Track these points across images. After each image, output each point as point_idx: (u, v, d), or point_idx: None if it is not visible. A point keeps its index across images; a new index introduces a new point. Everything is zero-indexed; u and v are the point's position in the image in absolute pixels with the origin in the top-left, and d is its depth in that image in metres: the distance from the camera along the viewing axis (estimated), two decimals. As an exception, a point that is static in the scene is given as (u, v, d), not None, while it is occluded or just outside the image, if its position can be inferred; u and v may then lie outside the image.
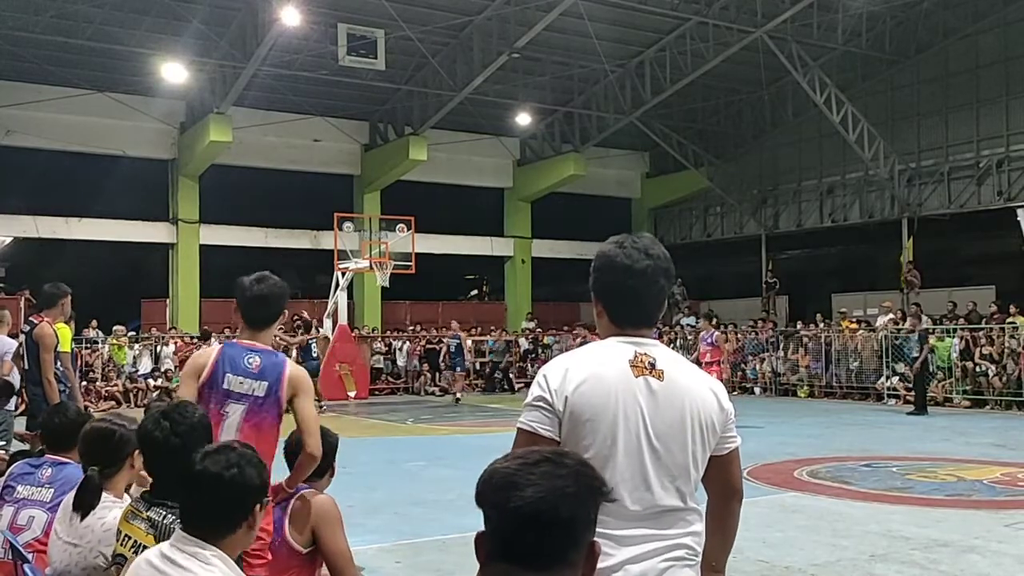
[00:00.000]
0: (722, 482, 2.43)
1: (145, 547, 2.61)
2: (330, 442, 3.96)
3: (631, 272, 2.33)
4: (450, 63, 21.45)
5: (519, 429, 2.28)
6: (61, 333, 7.55)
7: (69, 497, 3.19)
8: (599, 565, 2.16)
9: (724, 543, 2.50)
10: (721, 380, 12.82)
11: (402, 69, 21.78)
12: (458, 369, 20.37)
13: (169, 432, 2.82)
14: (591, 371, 2.27)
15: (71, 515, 3.09)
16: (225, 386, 3.70)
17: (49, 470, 3.59)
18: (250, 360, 3.75)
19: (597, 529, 2.27)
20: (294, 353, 15.85)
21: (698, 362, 15.33)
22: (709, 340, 16.08)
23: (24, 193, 21.57)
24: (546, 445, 2.16)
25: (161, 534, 2.64)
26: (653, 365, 2.30)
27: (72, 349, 7.82)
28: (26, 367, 7.72)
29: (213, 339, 15.73)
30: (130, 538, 2.75)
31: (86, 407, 10.23)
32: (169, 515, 2.70)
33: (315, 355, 17.04)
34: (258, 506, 2.30)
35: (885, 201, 23.69)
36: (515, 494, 1.53)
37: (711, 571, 2.45)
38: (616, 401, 2.24)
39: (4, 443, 7.25)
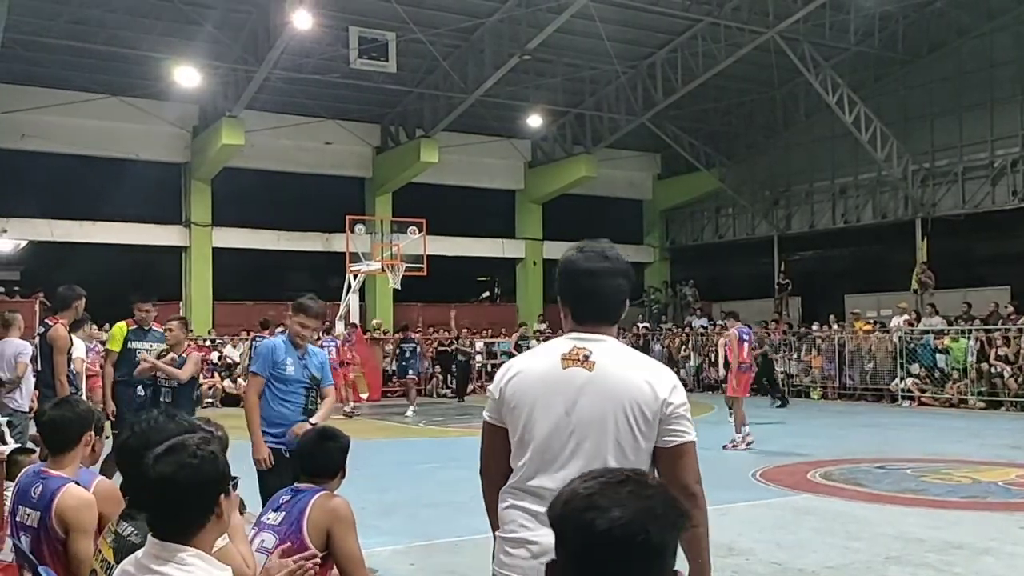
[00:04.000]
0: (669, 478, 2.40)
1: (108, 562, 2.60)
2: (341, 444, 3.97)
3: (591, 273, 2.55)
4: (461, 65, 21.48)
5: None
6: (115, 332, 8.05)
7: None
8: (519, 535, 2.43)
9: (686, 544, 2.36)
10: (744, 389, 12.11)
11: (413, 72, 21.82)
12: (410, 372, 18.34)
13: (140, 445, 2.77)
14: (525, 364, 2.57)
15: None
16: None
17: (41, 486, 3.44)
18: None
19: (522, 504, 2.46)
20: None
21: (725, 362, 14.73)
22: (748, 336, 13.48)
23: (38, 197, 21.71)
24: (492, 430, 2.55)
25: (121, 549, 2.60)
26: (587, 357, 2.47)
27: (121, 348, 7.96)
28: (39, 369, 7.78)
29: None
30: (100, 552, 2.75)
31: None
32: (130, 527, 2.67)
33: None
34: (222, 496, 2.26)
35: (898, 201, 23.57)
36: (603, 515, 1.44)
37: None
38: (537, 390, 2.48)
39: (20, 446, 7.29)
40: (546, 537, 2.20)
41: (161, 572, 2.19)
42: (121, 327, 7.99)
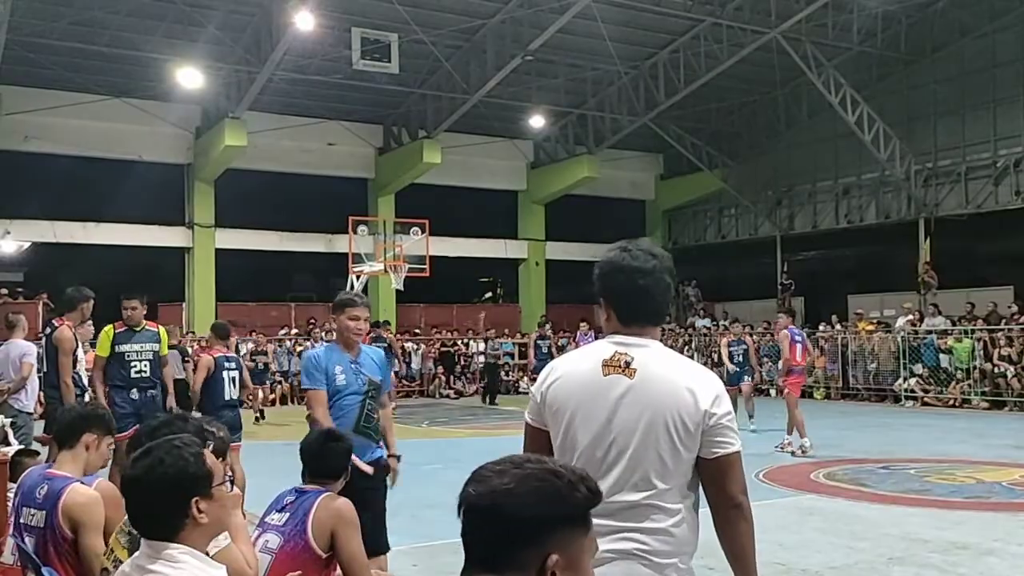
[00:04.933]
0: (715, 490, 2.44)
1: (120, 561, 2.61)
2: (346, 446, 3.97)
3: (641, 272, 2.50)
4: (463, 66, 21.48)
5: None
6: (102, 336, 7.79)
7: None
8: None
9: (732, 557, 2.47)
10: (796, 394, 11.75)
11: (416, 73, 21.83)
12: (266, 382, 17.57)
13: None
14: (566, 369, 2.52)
15: None
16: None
17: (46, 487, 3.46)
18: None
19: None
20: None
21: (744, 363, 14.59)
22: (800, 337, 12.66)
23: (42, 198, 21.74)
24: (535, 432, 2.54)
25: (134, 547, 2.61)
26: (628, 364, 2.43)
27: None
28: (44, 370, 7.78)
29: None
30: (112, 552, 2.76)
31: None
32: None
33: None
34: (196, 499, 2.23)
35: (901, 202, 23.54)
36: (465, 489, 1.61)
37: None
38: (579, 397, 2.45)
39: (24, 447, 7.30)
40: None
41: (152, 570, 2.20)
42: (108, 331, 7.72)
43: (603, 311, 2.57)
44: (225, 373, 8.14)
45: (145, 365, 7.61)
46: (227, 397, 8.12)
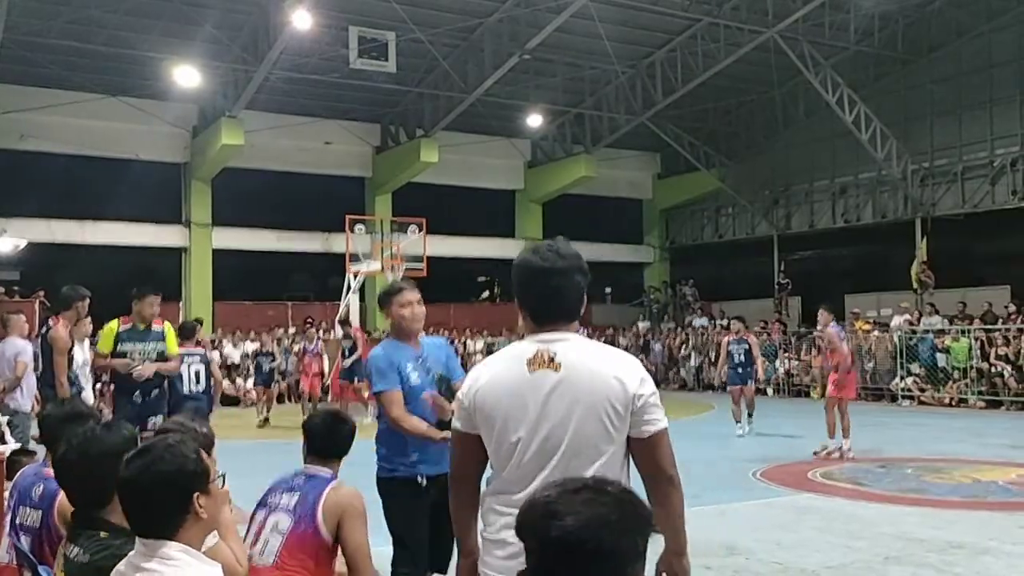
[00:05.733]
0: (648, 465, 2.55)
1: None
2: (351, 427, 4.02)
3: (551, 272, 2.57)
4: (461, 65, 21.47)
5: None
6: (105, 331, 7.24)
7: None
8: (501, 537, 2.51)
9: (667, 527, 2.55)
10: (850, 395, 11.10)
11: (413, 71, 21.82)
12: (356, 379, 15.09)
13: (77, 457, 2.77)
14: (492, 372, 2.60)
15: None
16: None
17: (42, 487, 3.42)
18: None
19: (501, 508, 2.53)
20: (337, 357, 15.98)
21: (746, 362, 13.95)
22: (843, 335, 12.23)
23: (38, 197, 21.70)
24: (466, 438, 2.60)
25: (71, 573, 2.60)
26: (552, 359, 2.52)
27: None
28: (41, 369, 7.76)
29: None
30: None
31: (100, 409, 10.28)
32: (76, 548, 2.63)
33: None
34: (197, 494, 2.26)
35: (898, 201, 23.56)
36: (556, 523, 1.49)
37: (669, 554, 2.60)
38: (508, 397, 2.53)
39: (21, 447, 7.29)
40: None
41: (148, 568, 2.20)
42: (112, 327, 7.12)
43: (520, 311, 2.65)
44: (185, 367, 8.26)
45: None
46: (188, 391, 8.30)
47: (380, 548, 4.14)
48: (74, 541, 2.68)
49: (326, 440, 3.94)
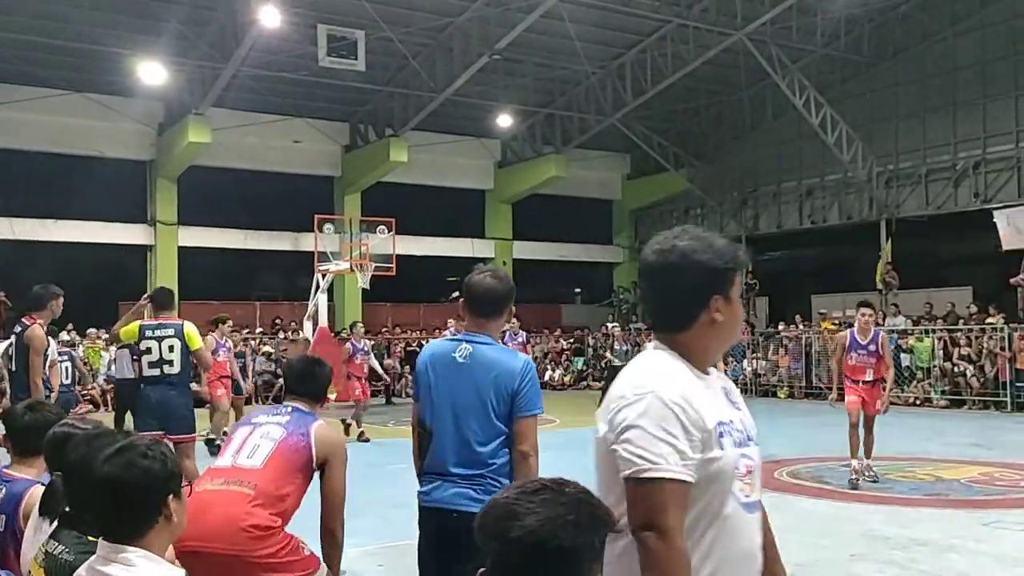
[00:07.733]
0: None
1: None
2: (329, 372, 4.20)
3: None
4: (431, 64, 21.41)
5: None
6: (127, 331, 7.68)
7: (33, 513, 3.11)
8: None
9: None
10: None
11: (383, 70, 21.72)
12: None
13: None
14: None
15: (39, 523, 3.02)
16: None
17: (4, 489, 3.34)
18: None
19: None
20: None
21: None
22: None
23: (0, 194, 21.33)
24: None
25: (52, 569, 2.56)
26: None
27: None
28: (14, 369, 7.62)
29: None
30: (30, 574, 2.70)
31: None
32: (60, 546, 2.61)
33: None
34: (170, 496, 2.25)
35: (864, 203, 23.84)
36: (515, 524, 1.51)
37: None
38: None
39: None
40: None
41: (106, 573, 2.17)
42: (133, 328, 7.75)
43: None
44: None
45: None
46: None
47: (349, 549, 4.12)
48: (58, 539, 2.64)
49: (309, 381, 4.11)
